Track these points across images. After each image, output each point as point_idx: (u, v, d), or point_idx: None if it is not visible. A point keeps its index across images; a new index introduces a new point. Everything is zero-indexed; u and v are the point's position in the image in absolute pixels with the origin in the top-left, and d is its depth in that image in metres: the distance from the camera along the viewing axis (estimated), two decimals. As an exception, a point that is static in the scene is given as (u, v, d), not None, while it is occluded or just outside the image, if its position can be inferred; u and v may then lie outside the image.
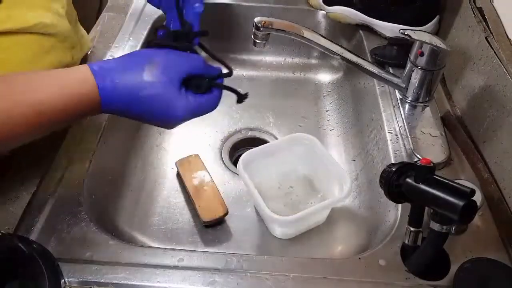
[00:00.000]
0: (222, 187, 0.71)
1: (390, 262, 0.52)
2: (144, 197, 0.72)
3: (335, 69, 0.97)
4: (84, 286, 0.49)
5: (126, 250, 0.53)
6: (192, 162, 0.74)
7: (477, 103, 0.68)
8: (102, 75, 0.46)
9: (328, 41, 0.64)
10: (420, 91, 0.70)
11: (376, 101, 0.75)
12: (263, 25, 0.58)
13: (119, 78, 0.47)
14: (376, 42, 0.86)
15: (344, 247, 0.66)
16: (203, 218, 0.66)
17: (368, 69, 0.68)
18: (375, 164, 0.70)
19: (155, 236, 0.67)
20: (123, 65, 0.48)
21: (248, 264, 0.51)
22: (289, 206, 0.70)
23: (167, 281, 0.49)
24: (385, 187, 0.49)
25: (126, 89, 0.47)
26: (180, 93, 0.49)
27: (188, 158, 0.75)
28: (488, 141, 0.64)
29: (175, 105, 0.48)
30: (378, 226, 0.62)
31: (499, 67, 0.63)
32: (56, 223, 0.55)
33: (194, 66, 0.51)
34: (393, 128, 0.69)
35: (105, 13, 0.91)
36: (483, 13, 0.71)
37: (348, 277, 0.50)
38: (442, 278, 0.50)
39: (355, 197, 0.72)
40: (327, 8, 0.90)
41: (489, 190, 0.60)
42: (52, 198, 0.57)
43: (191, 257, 0.52)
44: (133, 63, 0.48)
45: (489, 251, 0.53)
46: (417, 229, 0.50)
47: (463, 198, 0.43)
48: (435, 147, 0.65)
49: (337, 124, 0.87)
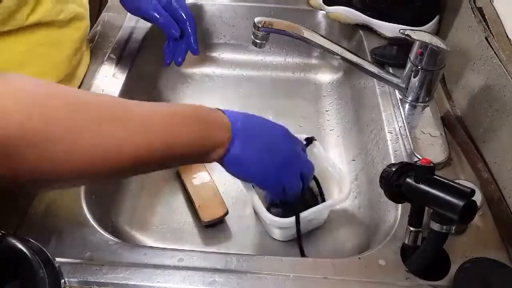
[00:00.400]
0: (222, 187, 0.71)
1: (390, 262, 0.52)
2: (144, 197, 0.72)
3: (335, 69, 0.97)
4: (84, 286, 0.49)
5: (126, 250, 0.53)
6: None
7: (477, 103, 0.68)
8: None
9: (328, 41, 0.64)
10: (420, 91, 0.70)
11: (376, 101, 0.75)
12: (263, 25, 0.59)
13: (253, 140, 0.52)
14: (376, 42, 0.86)
15: (344, 247, 0.66)
16: (203, 218, 0.66)
17: (368, 69, 0.68)
18: (375, 164, 0.70)
19: (155, 236, 0.67)
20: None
21: (248, 264, 0.51)
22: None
23: (167, 281, 0.49)
24: (385, 187, 0.49)
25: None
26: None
27: None
28: (488, 141, 0.64)
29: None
30: (378, 226, 0.62)
31: (499, 67, 0.63)
32: (56, 223, 0.55)
33: None
34: (393, 128, 0.69)
35: (105, 13, 0.91)
36: (483, 13, 0.71)
37: (348, 277, 0.50)
38: (442, 278, 0.50)
39: (355, 197, 0.72)
40: (327, 8, 0.90)
41: (489, 190, 0.60)
42: (52, 198, 0.57)
43: (191, 257, 0.52)
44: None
45: (489, 251, 0.53)
46: (417, 229, 0.50)
47: (463, 198, 0.43)
48: (435, 147, 0.65)
49: (337, 124, 0.87)
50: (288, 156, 0.56)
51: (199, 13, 0.96)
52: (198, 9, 0.96)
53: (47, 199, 0.57)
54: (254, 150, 0.52)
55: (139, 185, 0.73)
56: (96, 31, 0.86)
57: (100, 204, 0.62)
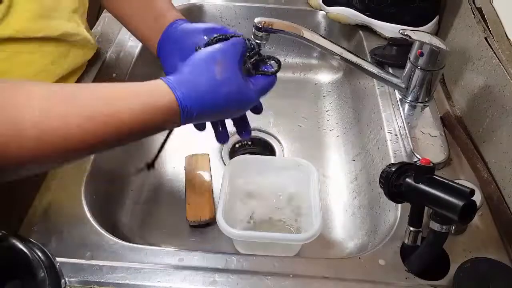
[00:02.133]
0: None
1: (390, 262, 0.52)
2: (145, 197, 0.72)
3: (335, 69, 0.98)
4: (84, 286, 0.49)
5: (126, 250, 0.53)
6: (200, 160, 0.74)
7: (477, 103, 0.68)
8: (178, 86, 0.47)
9: (328, 41, 0.64)
10: (420, 91, 0.70)
11: (376, 101, 0.75)
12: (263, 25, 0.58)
13: (195, 85, 0.48)
14: (376, 43, 0.86)
15: (344, 247, 0.66)
16: (188, 218, 0.67)
17: (368, 69, 0.68)
18: (375, 164, 0.70)
19: (156, 236, 0.67)
20: (194, 72, 0.49)
21: (248, 264, 0.51)
22: (254, 224, 0.67)
23: (167, 281, 0.49)
24: (385, 187, 0.49)
25: (203, 93, 0.48)
26: (245, 80, 0.51)
27: (197, 156, 0.75)
28: (488, 141, 0.64)
29: (247, 92, 0.51)
30: (378, 226, 0.62)
31: (498, 67, 0.63)
32: (56, 223, 0.55)
33: (243, 48, 0.53)
34: (393, 128, 0.69)
35: (105, 13, 0.91)
36: (482, 14, 0.71)
37: (348, 277, 0.50)
38: (442, 278, 0.50)
39: (355, 197, 0.72)
40: (327, 8, 0.90)
41: (488, 190, 0.60)
42: (52, 198, 0.57)
43: (191, 257, 0.52)
44: (202, 68, 0.49)
45: (489, 251, 0.53)
46: (417, 229, 0.50)
47: (462, 198, 0.43)
48: (434, 147, 0.65)
49: (337, 124, 0.87)
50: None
51: (199, 13, 0.96)
52: (198, 9, 0.96)
53: (48, 199, 0.57)
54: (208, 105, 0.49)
55: (140, 185, 0.73)
56: (96, 31, 0.86)
57: (101, 204, 0.62)
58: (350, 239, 0.67)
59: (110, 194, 0.66)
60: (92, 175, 0.61)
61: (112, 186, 0.68)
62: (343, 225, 0.69)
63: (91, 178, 0.61)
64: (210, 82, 0.48)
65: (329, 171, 0.79)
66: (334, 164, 0.80)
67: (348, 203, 0.72)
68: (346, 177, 0.77)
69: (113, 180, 0.68)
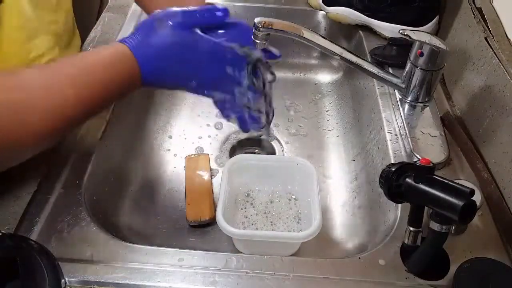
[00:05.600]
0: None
1: (390, 262, 0.52)
2: (145, 196, 0.72)
3: (335, 69, 0.98)
4: (84, 286, 0.49)
5: (126, 250, 0.53)
6: (200, 161, 0.74)
7: (477, 103, 0.68)
8: (136, 46, 0.52)
9: (328, 42, 0.64)
10: (420, 91, 0.70)
11: (375, 101, 0.75)
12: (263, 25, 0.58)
13: (149, 45, 0.52)
14: (375, 43, 0.86)
15: (344, 247, 0.66)
16: (188, 218, 0.67)
17: (368, 69, 0.68)
18: (375, 164, 0.70)
19: (155, 236, 0.67)
20: (146, 32, 0.53)
21: (248, 264, 0.51)
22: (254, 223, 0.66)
23: (167, 281, 0.49)
24: (385, 187, 0.49)
25: (158, 49, 0.52)
26: (199, 34, 0.55)
27: (197, 156, 0.75)
28: (488, 141, 0.64)
29: (200, 39, 0.54)
30: (378, 226, 0.62)
31: (498, 67, 0.63)
32: (56, 223, 0.55)
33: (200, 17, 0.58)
34: (393, 128, 0.69)
35: (105, 13, 0.91)
36: (482, 14, 0.71)
37: (348, 277, 0.50)
38: (442, 278, 0.50)
39: (355, 197, 0.72)
40: (327, 8, 0.90)
41: (488, 190, 0.60)
42: (52, 198, 0.57)
43: (191, 257, 0.52)
44: (150, 26, 0.53)
45: (489, 251, 0.53)
46: (417, 229, 0.50)
47: (462, 198, 0.43)
48: (434, 147, 0.65)
49: (337, 124, 0.87)
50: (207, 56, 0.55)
51: (199, 13, 0.96)
52: (198, 9, 0.96)
53: (48, 199, 0.57)
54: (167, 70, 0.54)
55: (140, 185, 0.73)
56: (96, 31, 0.86)
57: (101, 204, 0.62)
58: (350, 239, 0.67)
59: (110, 194, 0.66)
60: (92, 175, 0.61)
61: (112, 186, 0.68)
62: (343, 225, 0.69)
63: (91, 178, 0.61)
64: (156, 34, 0.53)
65: (329, 171, 0.79)
66: (334, 164, 0.80)
67: (348, 203, 0.72)
68: (346, 177, 0.77)
69: (113, 180, 0.68)
